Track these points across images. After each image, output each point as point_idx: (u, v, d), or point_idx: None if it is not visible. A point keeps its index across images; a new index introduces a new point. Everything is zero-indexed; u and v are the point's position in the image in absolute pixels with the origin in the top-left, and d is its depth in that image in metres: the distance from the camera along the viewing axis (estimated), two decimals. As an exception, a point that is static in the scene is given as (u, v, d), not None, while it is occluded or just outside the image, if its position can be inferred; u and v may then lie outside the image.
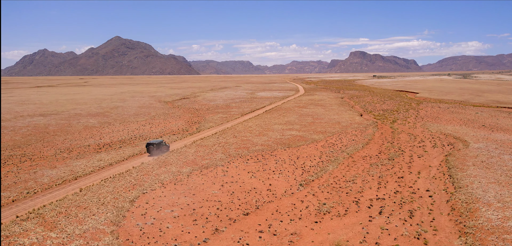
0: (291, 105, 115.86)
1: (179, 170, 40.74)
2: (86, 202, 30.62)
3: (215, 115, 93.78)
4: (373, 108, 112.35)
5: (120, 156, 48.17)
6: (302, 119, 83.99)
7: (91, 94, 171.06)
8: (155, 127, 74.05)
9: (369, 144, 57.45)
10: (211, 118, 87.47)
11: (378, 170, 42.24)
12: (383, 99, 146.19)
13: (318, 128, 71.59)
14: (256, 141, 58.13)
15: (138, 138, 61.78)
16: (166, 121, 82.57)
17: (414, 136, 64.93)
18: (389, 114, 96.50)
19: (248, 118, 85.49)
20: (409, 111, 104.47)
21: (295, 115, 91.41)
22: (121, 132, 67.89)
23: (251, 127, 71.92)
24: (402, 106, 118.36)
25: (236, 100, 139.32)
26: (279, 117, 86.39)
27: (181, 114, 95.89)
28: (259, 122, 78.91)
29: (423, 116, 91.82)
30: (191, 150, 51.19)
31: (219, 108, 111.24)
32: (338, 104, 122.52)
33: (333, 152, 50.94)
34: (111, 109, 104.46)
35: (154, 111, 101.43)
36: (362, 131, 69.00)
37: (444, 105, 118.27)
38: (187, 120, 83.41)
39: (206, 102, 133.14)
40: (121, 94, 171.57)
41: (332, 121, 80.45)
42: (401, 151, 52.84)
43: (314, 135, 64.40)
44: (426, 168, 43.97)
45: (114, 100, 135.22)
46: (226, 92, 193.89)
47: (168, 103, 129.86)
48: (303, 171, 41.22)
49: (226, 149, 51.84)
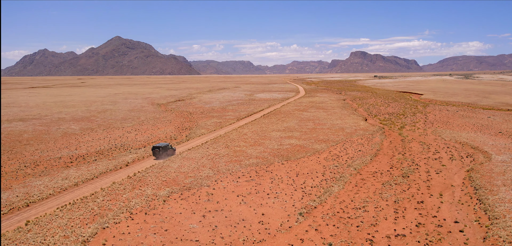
0: (291, 109, 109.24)
1: (155, 193, 34.10)
2: (24, 245, 23.99)
3: (209, 120, 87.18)
4: (378, 111, 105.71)
5: (91, 172, 41.52)
6: (302, 124, 77.37)
7: (83, 96, 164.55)
8: (141, 134, 67.43)
9: (378, 156, 50.79)
10: (204, 123, 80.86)
11: (392, 191, 35.58)
12: (387, 101, 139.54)
13: (320, 135, 64.95)
14: (251, 152, 51.47)
15: (118, 148, 55.13)
16: (155, 127, 75.95)
17: (426, 145, 58.28)
18: (395, 119, 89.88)
19: (244, 124, 78.87)
20: (417, 115, 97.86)
21: (295, 120, 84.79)
22: (101, 141, 61.26)
23: (246, 135, 65.29)
24: (408, 109, 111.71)
25: (233, 103, 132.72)
26: (278, 123, 79.76)
27: (172, 118, 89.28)
28: (256, 128, 72.29)
29: (433, 121, 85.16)
30: (175, 164, 44.53)
31: (214, 111, 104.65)
32: (341, 107, 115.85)
33: (338, 167, 44.28)
34: (98, 113, 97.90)
35: (144, 115, 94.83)
36: (368, 139, 62.34)
37: (453, 108, 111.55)
38: (177, 126, 76.77)
39: (201, 104, 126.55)
40: (115, 96, 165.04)
41: (335, 127, 73.80)
42: (416, 164, 46.18)
43: (315, 144, 57.72)
44: (447, 188, 37.31)
45: (105, 102, 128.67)
46: (223, 93, 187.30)
47: (161, 106, 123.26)
48: (304, 194, 34.57)
49: (215, 163, 45.19)
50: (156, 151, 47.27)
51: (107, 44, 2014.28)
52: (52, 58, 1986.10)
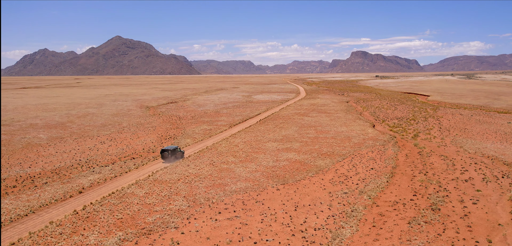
0: (291, 113, 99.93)
1: (99, 242, 24.85)
2: None
3: (199, 126, 77.95)
4: (385, 115, 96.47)
5: (29, 204, 32.23)
6: (303, 132, 68.09)
7: (71, 97, 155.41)
8: (115, 146, 58.19)
9: (395, 176, 41.55)
10: (191, 131, 71.62)
11: (424, 237, 26.32)
12: (393, 103, 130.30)
13: (323, 147, 55.67)
14: (240, 171, 42.19)
15: (80, 166, 45.90)
16: (134, 136, 66.71)
17: (449, 160, 49.04)
18: (406, 125, 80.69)
19: (237, 132, 69.60)
20: (428, 120, 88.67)
21: (294, 126, 75.53)
22: (65, 154, 52.03)
23: (238, 146, 56.02)
24: (417, 113, 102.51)
25: (229, 105, 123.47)
26: (275, 130, 70.48)
27: (158, 124, 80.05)
28: (249, 138, 63.00)
29: (448, 127, 75.96)
30: (141, 190, 35.30)
31: (206, 116, 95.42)
32: (344, 110, 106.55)
33: (348, 194, 35.05)
34: (78, 118, 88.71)
35: (128, 120, 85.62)
36: (380, 152, 53.09)
37: (466, 112, 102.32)
38: (160, 135, 67.52)
39: (194, 107, 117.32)
40: (104, 97, 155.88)
41: (340, 136, 64.50)
42: (444, 189, 36.94)
43: (318, 159, 48.44)
44: (495, 229, 28.12)
45: (90, 105, 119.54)
46: (220, 95, 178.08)
47: (151, 109, 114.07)
48: (305, 242, 25.30)
49: (192, 189, 35.96)
50: (164, 153, 46.35)
51: (107, 43, 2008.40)
52: (52, 58, 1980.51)
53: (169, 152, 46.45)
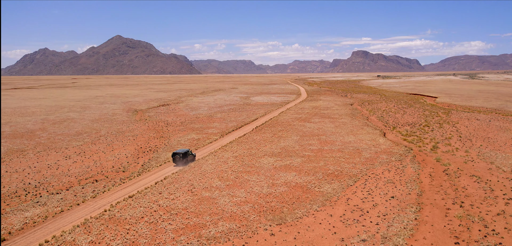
0: (291, 117, 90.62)
1: None
2: None
3: (186, 134, 68.73)
4: (395, 121, 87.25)
5: None
6: (304, 143, 58.81)
7: (57, 99, 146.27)
8: (82, 162, 48.95)
9: (423, 209, 32.31)
10: (177, 141, 62.36)
11: None
12: (401, 106, 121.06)
13: (329, 164, 46.40)
14: (224, 203, 32.91)
15: (26, 193, 36.62)
16: (109, 147, 57.47)
17: (484, 182, 39.76)
18: (420, 132, 71.57)
19: (228, 143, 60.31)
20: (444, 126, 79.49)
21: (295, 135, 66.27)
22: (16, 175, 42.79)
23: (227, 163, 46.76)
24: (429, 117, 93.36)
25: (225, 108, 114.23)
26: (273, 141, 61.21)
27: (140, 132, 70.84)
28: (242, 151, 53.72)
29: (469, 136, 66.75)
30: (87, 237, 25.99)
31: (197, 121, 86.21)
32: (350, 115, 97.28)
33: (367, 242, 25.82)
34: (53, 124, 79.60)
35: (108, 127, 76.47)
36: (398, 170, 43.83)
37: (482, 117, 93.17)
38: (140, 146, 58.26)
39: (186, 111, 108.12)
40: (93, 99, 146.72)
41: (348, 148, 55.19)
42: (492, 232, 27.70)
43: (324, 182, 39.15)
44: None
45: (74, 108, 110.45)
46: (217, 96, 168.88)
47: (138, 112, 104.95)
48: None
49: (157, 235, 26.63)
50: (175, 157, 45.68)
51: (107, 43, 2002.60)
52: (52, 57, 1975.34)
53: (180, 156, 45.60)
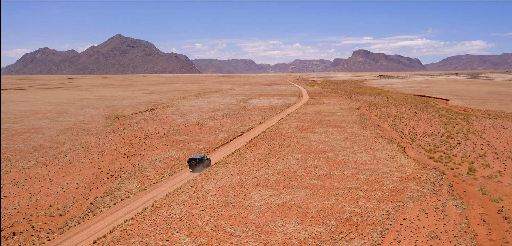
0: (291, 126, 78.57)
1: None
2: None
3: (165, 151, 56.71)
4: (411, 130, 75.37)
5: None
6: (308, 165, 46.79)
7: (36, 103, 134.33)
8: (16, 194, 36.93)
9: None
10: (149, 162, 50.32)
11: None
12: (413, 110, 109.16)
13: (343, 201, 34.35)
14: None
15: None
16: (62, 171, 45.43)
17: None
18: (445, 146, 59.94)
19: (213, 165, 48.30)
20: (470, 137, 67.76)
21: (296, 152, 54.26)
22: None
23: (204, 201, 34.66)
24: (449, 125, 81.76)
25: (218, 114, 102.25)
26: (269, 161, 49.17)
27: (109, 148, 58.80)
28: (228, 179, 41.70)
29: (505, 152, 55.06)
30: None
31: (183, 132, 74.24)
32: (358, 122, 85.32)
33: None
34: (12, 136, 67.75)
35: (73, 141, 64.52)
36: (439, 213, 31.83)
37: (510, 125, 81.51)
38: (100, 171, 46.19)
39: (174, 117, 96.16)
40: (75, 102, 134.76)
41: (364, 173, 43.15)
42: None
43: (340, 239, 26.99)
44: None
45: (49, 114, 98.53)
46: (212, 98, 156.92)
47: (120, 119, 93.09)
48: None
49: None
50: (192, 163, 45.68)
51: (107, 42, 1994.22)
52: (52, 57, 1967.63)
53: (197, 161, 45.83)
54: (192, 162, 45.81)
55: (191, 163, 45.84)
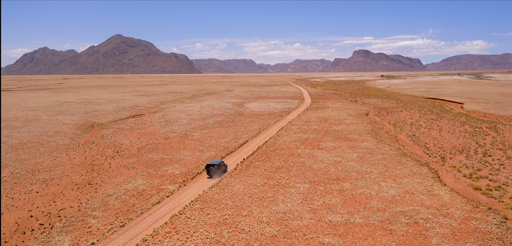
0: (293, 139, 65.68)
1: None
2: None
3: (131, 177, 43.90)
4: (435, 143, 62.77)
5: None
6: (318, 205, 33.95)
7: (9, 108, 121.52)
8: None
9: None
10: (102, 198, 37.49)
11: None
12: (427, 116, 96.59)
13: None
14: None
15: None
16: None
17: None
18: (486, 168, 47.69)
19: (187, 204, 35.35)
20: (508, 153, 55.46)
21: (300, 181, 41.37)
22: None
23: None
24: (477, 137, 69.64)
25: (209, 122, 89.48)
26: (264, 199, 36.26)
27: (59, 174, 45.90)
28: (203, 234, 28.88)
29: None
30: None
31: (161, 147, 61.38)
32: (371, 133, 72.63)
33: None
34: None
35: (22, 161, 51.70)
36: None
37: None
38: (26, 217, 33.25)
39: (157, 126, 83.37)
40: (54, 107, 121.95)
41: (398, 222, 30.23)
42: None
43: None
44: None
45: (14, 123, 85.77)
46: (205, 102, 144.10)
47: (94, 129, 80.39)
48: None
49: None
50: (210, 169, 43.93)
51: (107, 42, 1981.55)
52: (52, 56, 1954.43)
53: (215, 167, 43.98)
54: (210, 168, 44.25)
55: (209, 169, 44.28)
